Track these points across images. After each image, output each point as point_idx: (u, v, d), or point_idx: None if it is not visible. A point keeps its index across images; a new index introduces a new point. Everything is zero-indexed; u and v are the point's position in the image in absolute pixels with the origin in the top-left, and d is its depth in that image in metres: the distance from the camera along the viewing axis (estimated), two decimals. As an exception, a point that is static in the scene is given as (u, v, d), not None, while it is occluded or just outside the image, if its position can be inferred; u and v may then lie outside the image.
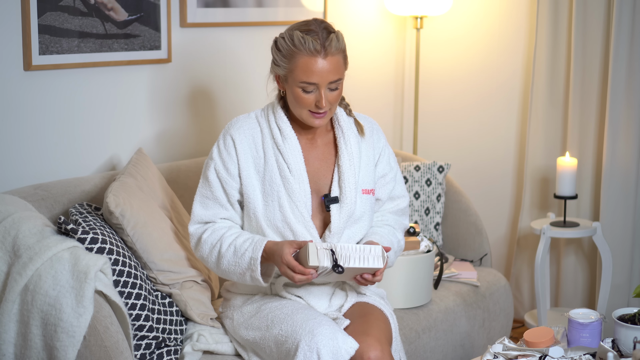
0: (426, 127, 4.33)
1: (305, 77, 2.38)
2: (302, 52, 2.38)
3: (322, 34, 2.39)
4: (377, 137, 2.61)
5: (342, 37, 2.45)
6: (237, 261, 2.42)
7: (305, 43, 2.37)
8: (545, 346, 2.35)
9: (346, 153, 2.52)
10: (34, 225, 2.39)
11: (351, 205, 2.49)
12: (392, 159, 2.64)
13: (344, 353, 2.27)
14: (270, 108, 2.54)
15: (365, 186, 2.54)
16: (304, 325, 2.31)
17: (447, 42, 4.24)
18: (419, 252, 3.03)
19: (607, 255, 3.66)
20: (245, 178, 2.48)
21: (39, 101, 2.84)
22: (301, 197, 2.47)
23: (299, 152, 2.49)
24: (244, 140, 2.49)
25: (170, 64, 3.22)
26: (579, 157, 3.85)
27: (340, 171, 2.51)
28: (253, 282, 2.43)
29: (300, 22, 2.44)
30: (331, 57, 2.39)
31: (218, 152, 2.50)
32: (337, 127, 2.55)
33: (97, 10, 2.94)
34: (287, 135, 2.49)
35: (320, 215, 2.52)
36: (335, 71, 2.40)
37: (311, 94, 2.41)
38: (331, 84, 2.41)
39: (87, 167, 3.01)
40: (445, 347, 3.06)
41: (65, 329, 2.24)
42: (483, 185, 4.23)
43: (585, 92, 3.83)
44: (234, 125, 2.51)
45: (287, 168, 2.47)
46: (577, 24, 3.77)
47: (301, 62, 2.38)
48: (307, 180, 2.49)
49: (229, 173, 2.48)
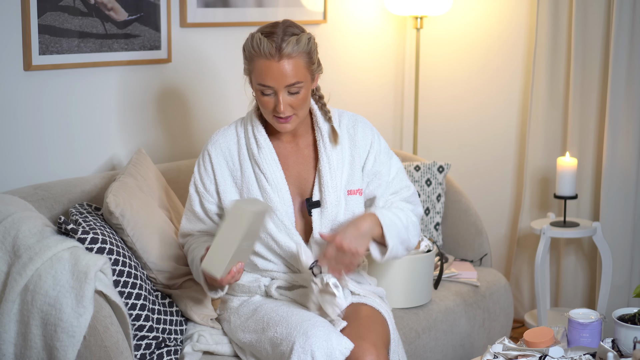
0: (426, 127, 4.33)
1: (261, 79, 2.37)
2: (259, 55, 2.36)
3: (282, 37, 2.35)
4: (362, 133, 2.54)
5: (307, 39, 2.39)
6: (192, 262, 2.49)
7: (260, 45, 2.35)
8: (545, 346, 2.35)
9: (325, 157, 2.49)
10: (34, 225, 2.39)
11: (333, 209, 2.47)
12: (382, 154, 2.56)
13: (338, 354, 2.25)
14: (248, 117, 2.54)
15: (351, 187, 2.51)
16: (299, 327, 2.30)
17: (447, 42, 4.24)
18: (419, 252, 3.02)
19: (607, 255, 3.66)
20: (223, 192, 2.49)
21: (39, 101, 2.84)
22: (281, 206, 2.46)
23: (275, 161, 2.48)
24: (219, 154, 2.50)
25: (170, 64, 3.22)
26: (579, 157, 3.85)
27: (320, 175, 2.49)
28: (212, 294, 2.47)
29: (269, 24, 2.42)
30: (288, 61, 2.35)
31: (197, 168, 2.54)
32: (317, 130, 2.53)
33: (97, 10, 2.94)
34: (262, 145, 2.48)
35: (305, 220, 2.52)
36: (292, 75, 2.36)
37: (270, 97, 2.39)
38: (290, 87, 2.37)
39: (87, 167, 3.01)
40: (445, 347, 3.06)
41: (65, 329, 2.24)
42: (483, 185, 4.23)
43: (585, 92, 3.83)
44: (211, 140, 2.53)
45: (264, 178, 2.46)
46: (577, 24, 3.77)
47: (258, 65, 2.37)
48: (287, 189, 2.48)
49: (206, 189, 2.51)
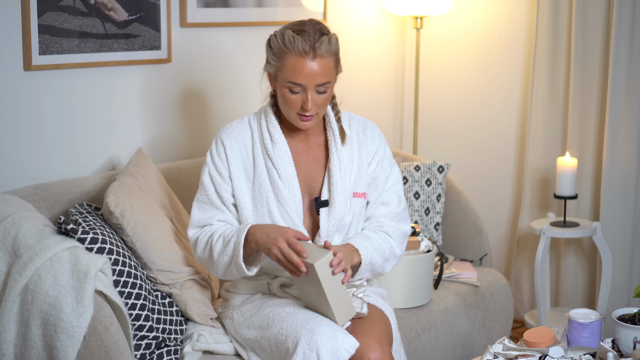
0: (426, 127, 4.33)
1: (292, 77, 2.37)
2: (292, 52, 2.36)
3: (314, 36, 2.37)
4: (371, 138, 2.57)
5: (336, 40, 2.42)
6: (224, 249, 2.40)
7: (294, 43, 2.35)
8: (545, 346, 2.35)
9: (336, 157, 2.50)
10: (34, 225, 2.39)
11: (340, 209, 2.48)
12: (386, 162, 2.58)
13: (343, 352, 2.26)
14: (262, 112, 2.54)
15: (357, 189, 2.52)
16: (304, 324, 2.31)
17: (447, 42, 4.24)
18: (419, 252, 3.02)
19: (607, 255, 3.66)
20: (236, 184, 2.49)
21: (39, 101, 2.84)
22: (291, 202, 2.46)
23: (289, 157, 2.48)
24: (234, 145, 2.50)
25: (170, 64, 3.22)
26: (579, 157, 3.85)
27: (330, 175, 2.49)
28: (238, 271, 2.40)
29: (296, 22, 2.43)
30: (320, 60, 2.37)
31: (211, 157, 2.52)
32: (329, 130, 2.54)
33: (97, 10, 2.94)
34: (276, 141, 2.48)
35: (313, 218, 2.52)
36: (324, 74, 2.38)
37: (298, 95, 2.40)
38: (319, 87, 2.39)
39: (87, 167, 3.01)
40: (445, 347, 3.06)
41: (65, 329, 2.24)
42: (483, 185, 4.23)
43: (585, 92, 3.83)
44: (225, 131, 2.52)
45: (276, 174, 2.46)
46: (577, 24, 3.77)
47: (289, 62, 2.37)
48: (298, 186, 2.48)
49: (222, 177, 2.49)
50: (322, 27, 2.41)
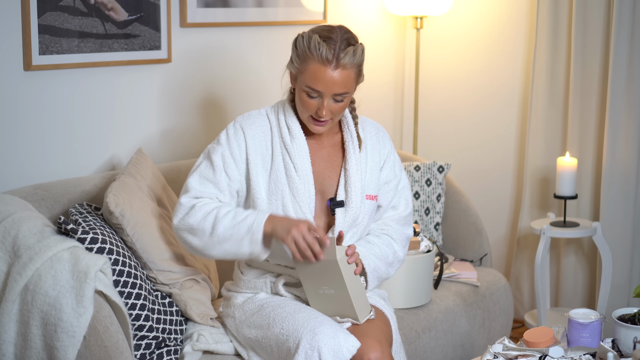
0: (426, 127, 4.33)
1: (312, 83, 2.37)
2: (314, 58, 2.36)
3: (340, 45, 2.36)
4: (382, 143, 2.60)
5: (362, 51, 2.41)
6: (236, 225, 2.36)
7: (319, 49, 2.35)
8: (545, 346, 2.35)
9: (354, 157, 2.51)
10: (34, 225, 2.39)
11: (356, 210, 2.49)
12: (397, 166, 2.61)
13: (345, 352, 2.26)
14: (280, 106, 2.54)
15: (370, 192, 2.53)
16: (306, 324, 2.31)
17: (447, 42, 4.24)
18: (419, 252, 3.02)
19: (607, 255, 3.66)
20: (254, 174, 2.46)
21: (39, 101, 2.84)
22: (305, 197, 2.46)
23: (306, 152, 2.48)
24: (255, 136, 2.48)
25: (170, 64, 3.22)
26: (579, 157, 3.85)
27: (347, 175, 2.50)
28: (251, 248, 2.36)
29: (325, 26, 2.42)
30: (342, 70, 2.36)
31: (227, 139, 2.47)
32: (345, 131, 2.55)
33: (97, 10, 2.94)
34: (295, 135, 2.48)
35: (324, 217, 2.52)
36: (343, 85, 2.38)
37: (314, 99, 2.40)
38: (336, 96, 2.39)
39: (87, 167, 3.01)
40: (445, 347, 3.06)
41: (65, 329, 2.24)
42: (483, 185, 4.23)
43: (585, 92, 3.83)
44: (246, 120, 2.50)
45: (293, 168, 2.46)
46: (577, 24, 3.77)
47: (311, 68, 2.37)
48: (312, 181, 2.48)
49: (235, 162, 2.46)
50: (350, 37, 2.40)
